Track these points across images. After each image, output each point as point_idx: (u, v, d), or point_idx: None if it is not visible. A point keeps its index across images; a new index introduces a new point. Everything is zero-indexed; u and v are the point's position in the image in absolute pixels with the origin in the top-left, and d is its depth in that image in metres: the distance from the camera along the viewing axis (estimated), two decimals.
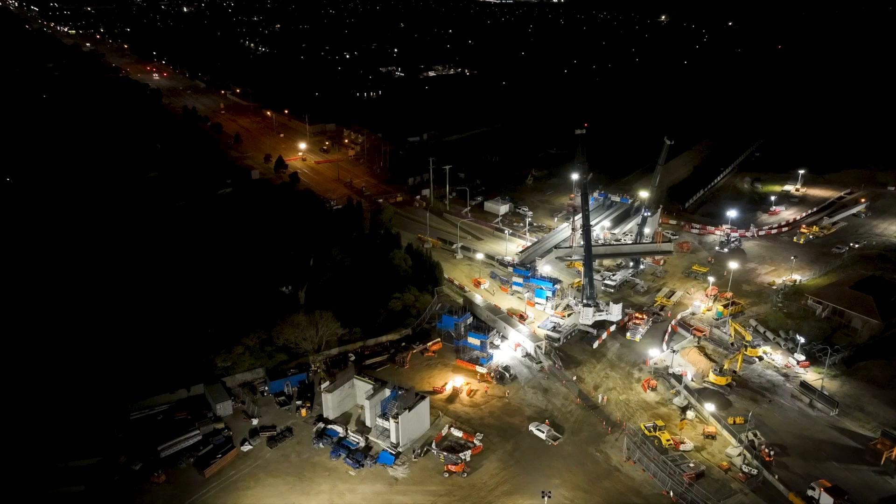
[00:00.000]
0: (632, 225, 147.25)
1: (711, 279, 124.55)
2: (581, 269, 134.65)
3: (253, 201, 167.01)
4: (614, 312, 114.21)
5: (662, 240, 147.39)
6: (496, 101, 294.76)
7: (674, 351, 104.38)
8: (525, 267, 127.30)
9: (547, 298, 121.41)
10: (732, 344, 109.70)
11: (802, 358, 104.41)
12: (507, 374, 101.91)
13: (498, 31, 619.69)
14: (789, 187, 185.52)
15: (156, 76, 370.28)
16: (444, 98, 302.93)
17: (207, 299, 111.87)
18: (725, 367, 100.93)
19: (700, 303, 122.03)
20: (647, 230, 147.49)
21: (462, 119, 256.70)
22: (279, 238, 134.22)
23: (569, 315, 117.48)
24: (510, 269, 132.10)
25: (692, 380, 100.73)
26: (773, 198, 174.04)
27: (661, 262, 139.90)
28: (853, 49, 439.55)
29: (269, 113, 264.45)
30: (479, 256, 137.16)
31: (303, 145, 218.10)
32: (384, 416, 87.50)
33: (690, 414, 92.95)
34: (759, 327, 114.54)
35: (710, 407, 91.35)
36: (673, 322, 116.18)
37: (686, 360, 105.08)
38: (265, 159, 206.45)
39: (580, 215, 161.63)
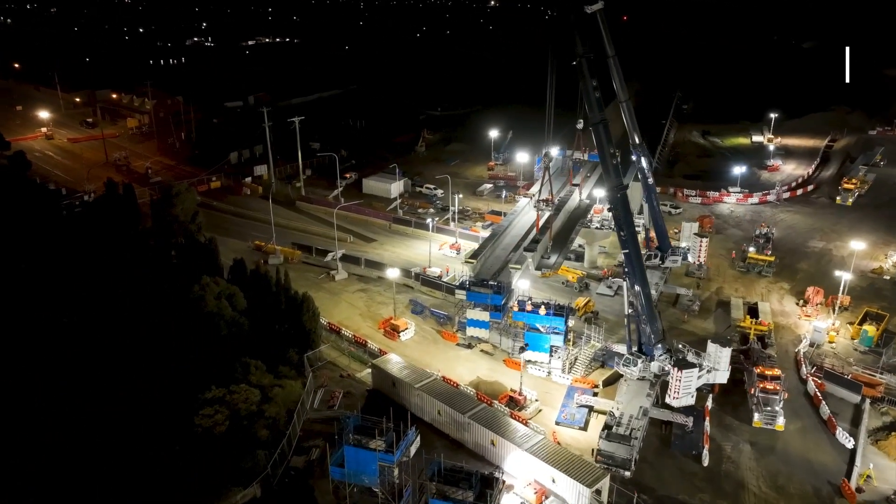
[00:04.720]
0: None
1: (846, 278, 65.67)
2: (573, 279, 72.95)
3: None
4: (722, 363, 52.27)
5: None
6: (342, 64, 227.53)
7: None
8: (491, 288, 61.28)
9: (552, 350, 56.82)
10: None
11: None
12: None
13: (324, 7, 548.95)
14: (759, 138, 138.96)
15: None
16: (272, 62, 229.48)
17: None
18: None
19: (821, 323, 64.23)
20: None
21: (302, 82, 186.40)
22: None
23: (604, 385, 54.18)
24: (460, 293, 64.63)
25: None
26: (771, 148, 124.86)
27: (700, 254, 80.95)
28: None
29: None
30: (392, 274, 68.34)
31: (45, 114, 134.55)
32: None
33: None
34: None
35: None
36: (808, 370, 57.13)
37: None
38: None
39: (537, 186, 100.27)
